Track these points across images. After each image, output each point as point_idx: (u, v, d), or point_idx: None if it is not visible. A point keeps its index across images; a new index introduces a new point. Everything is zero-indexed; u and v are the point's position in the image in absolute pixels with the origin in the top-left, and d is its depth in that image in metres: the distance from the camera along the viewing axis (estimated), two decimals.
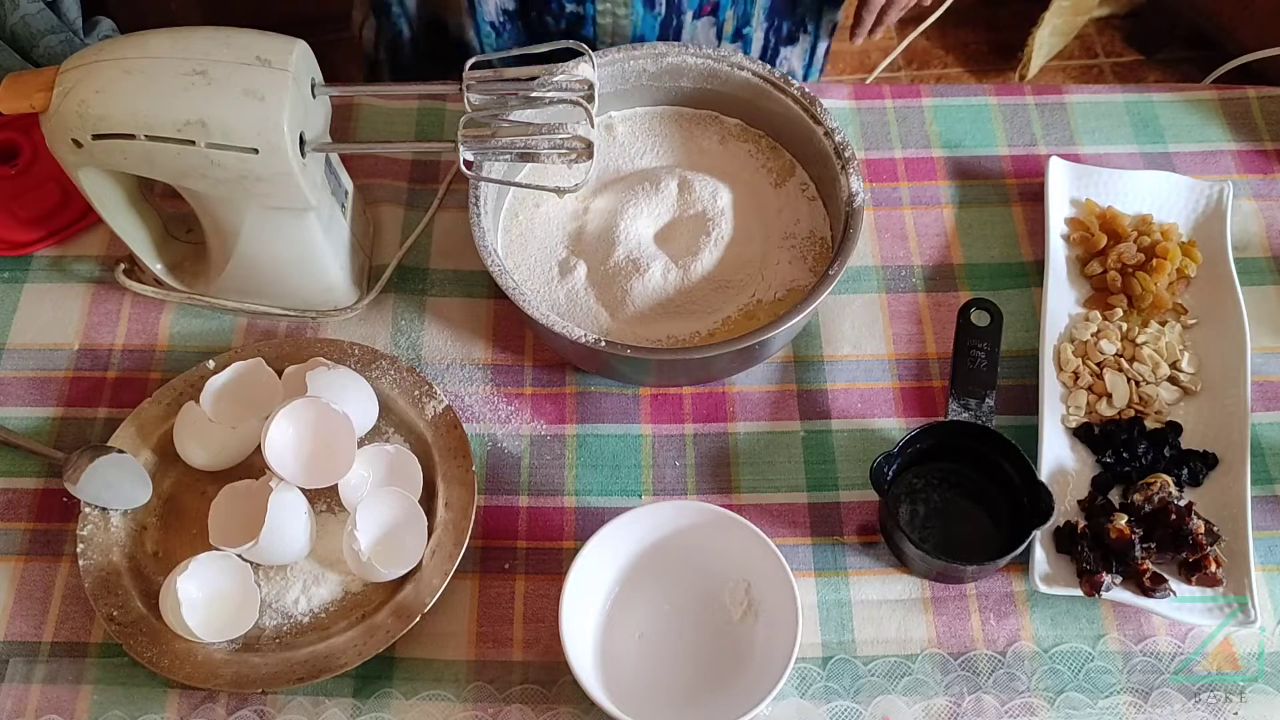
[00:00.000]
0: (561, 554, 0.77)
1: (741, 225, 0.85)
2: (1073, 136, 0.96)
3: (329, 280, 0.84)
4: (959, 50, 2.04)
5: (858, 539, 0.78)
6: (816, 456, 0.81)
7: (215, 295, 0.85)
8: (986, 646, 0.74)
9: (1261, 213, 0.92)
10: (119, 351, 0.86)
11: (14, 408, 0.83)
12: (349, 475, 0.75)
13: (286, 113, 0.69)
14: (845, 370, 0.85)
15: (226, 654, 0.72)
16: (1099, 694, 0.72)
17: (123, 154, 0.71)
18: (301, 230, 0.78)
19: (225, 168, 0.71)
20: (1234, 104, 0.98)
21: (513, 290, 0.77)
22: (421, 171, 0.94)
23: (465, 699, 0.72)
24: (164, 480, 0.79)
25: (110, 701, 0.72)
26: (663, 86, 0.90)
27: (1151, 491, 0.75)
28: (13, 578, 0.76)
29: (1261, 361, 0.84)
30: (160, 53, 0.70)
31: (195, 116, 0.69)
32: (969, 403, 0.79)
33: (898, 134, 0.97)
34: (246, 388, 0.78)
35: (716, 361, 0.79)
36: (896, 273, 0.89)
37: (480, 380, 0.85)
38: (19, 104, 0.71)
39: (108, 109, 0.69)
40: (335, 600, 0.75)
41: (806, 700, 0.72)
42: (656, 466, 0.81)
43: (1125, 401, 0.80)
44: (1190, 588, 0.73)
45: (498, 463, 0.81)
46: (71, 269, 0.90)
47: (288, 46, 0.72)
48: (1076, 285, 0.87)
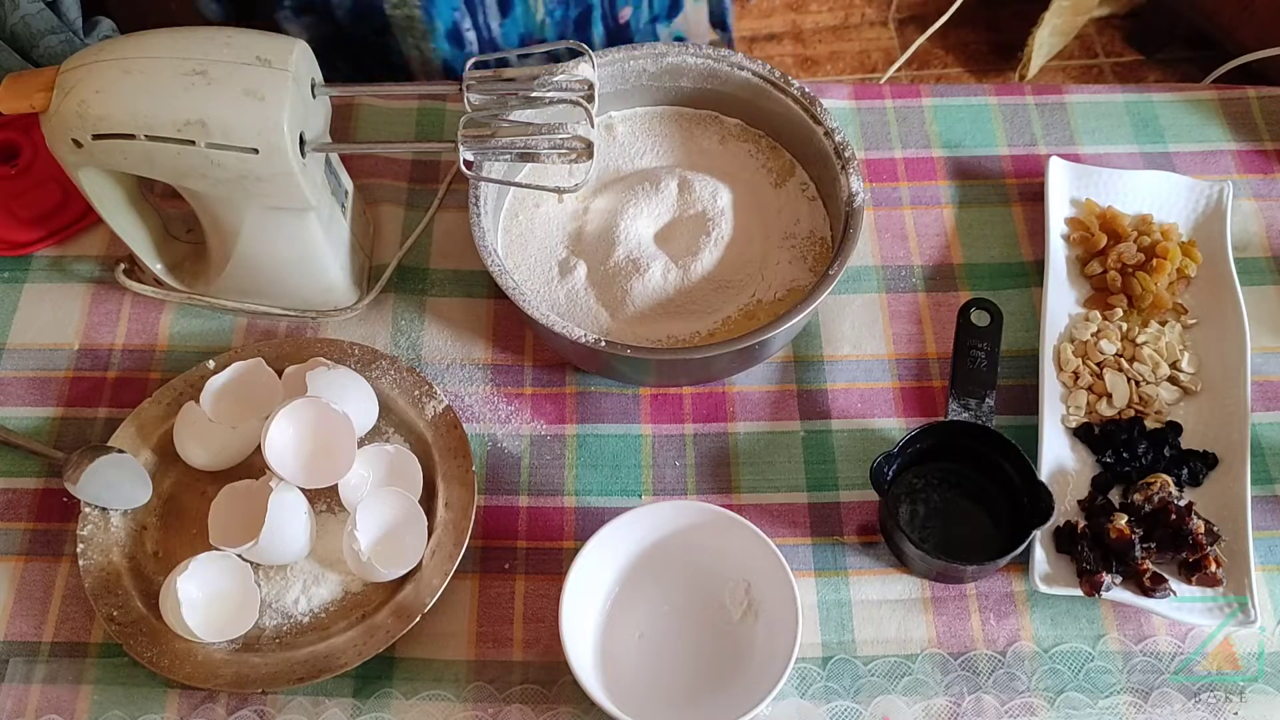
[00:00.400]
0: (561, 554, 0.78)
1: (741, 225, 0.85)
2: (1073, 136, 0.96)
3: (329, 280, 0.84)
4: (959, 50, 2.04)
5: (858, 539, 0.78)
6: (816, 456, 0.81)
7: (215, 295, 0.85)
8: (986, 646, 0.74)
9: (1261, 213, 0.92)
10: (119, 351, 0.86)
11: (14, 408, 0.83)
12: (349, 475, 0.75)
13: (286, 113, 0.69)
14: (845, 370, 0.85)
15: (226, 654, 0.72)
16: (1099, 694, 0.72)
17: (123, 154, 0.71)
18: (301, 230, 0.78)
19: (225, 168, 0.71)
20: (1234, 104, 0.98)
21: (513, 290, 0.77)
22: (421, 171, 0.94)
23: (465, 699, 0.72)
24: (164, 480, 0.79)
25: (110, 701, 0.72)
26: (663, 86, 0.90)
27: (1151, 491, 0.75)
28: (13, 578, 0.76)
29: (1261, 361, 0.84)
30: (160, 53, 0.70)
31: (195, 116, 0.69)
32: (969, 403, 0.79)
33: (898, 134, 0.97)
34: (246, 388, 0.78)
35: (716, 361, 0.79)
36: (896, 273, 0.89)
37: (480, 380, 0.85)
38: (19, 104, 0.71)
39: (108, 109, 0.69)
40: (335, 600, 0.75)
41: (806, 700, 0.72)
42: (656, 466, 0.81)
43: (1125, 401, 0.80)
44: (1190, 588, 0.73)
45: (498, 463, 0.81)
46: (71, 269, 0.90)
47: (288, 46, 0.72)
48: (1076, 285, 0.87)
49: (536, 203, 0.88)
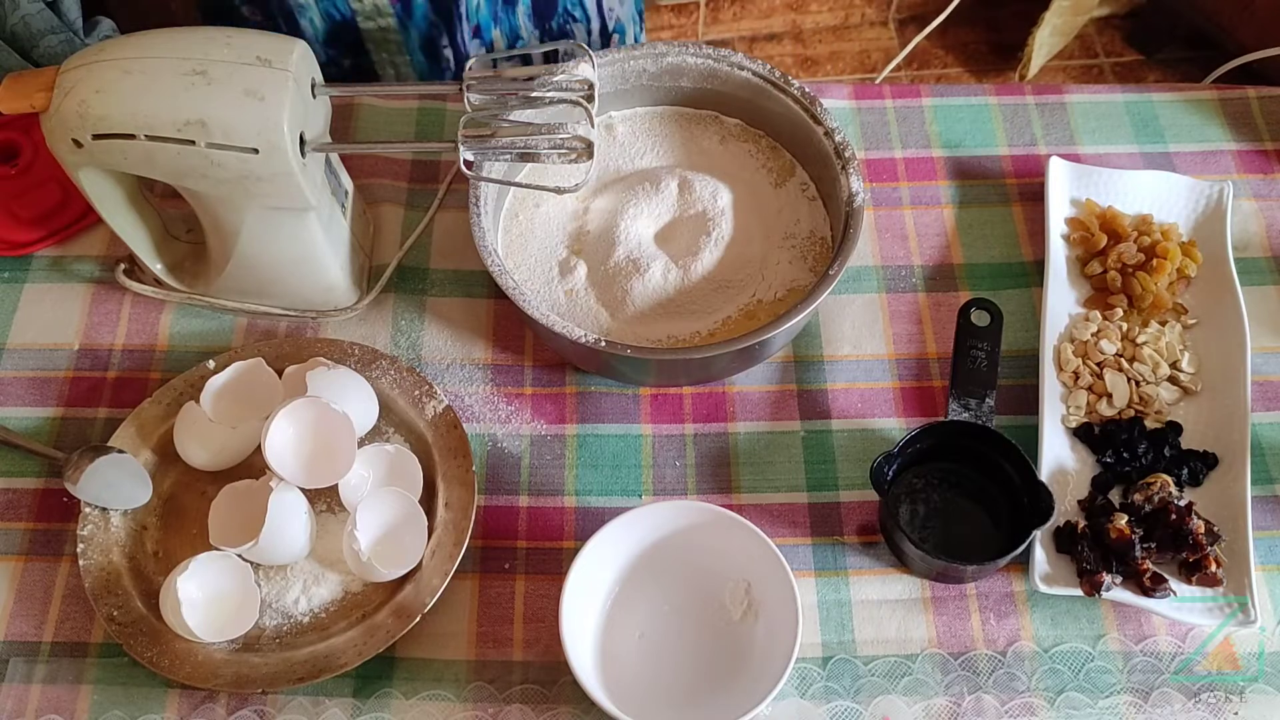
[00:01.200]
0: (561, 554, 0.78)
1: (742, 225, 0.85)
2: (1073, 136, 0.96)
3: (329, 280, 0.84)
4: (959, 50, 2.04)
5: (858, 539, 0.78)
6: (816, 456, 0.81)
7: (215, 295, 0.85)
8: (986, 646, 0.74)
9: (1261, 213, 0.92)
10: (119, 351, 0.86)
11: (14, 408, 0.83)
12: (349, 475, 0.75)
13: (287, 113, 0.69)
14: (845, 370, 0.85)
15: (226, 654, 0.72)
16: (1099, 694, 0.72)
17: (123, 154, 0.71)
18: (301, 230, 0.78)
19: (225, 168, 0.71)
20: (1234, 104, 0.98)
21: (513, 290, 0.77)
22: (421, 171, 0.94)
23: (465, 699, 0.72)
24: (164, 480, 0.79)
25: (110, 701, 0.72)
26: (663, 86, 0.90)
27: (1151, 491, 0.75)
28: (13, 578, 0.76)
29: (1261, 361, 0.84)
30: (160, 53, 0.70)
31: (195, 116, 0.69)
32: (969, 403, 0.79)
33: (898, 134, 0.97)
34: (246, 388, 0.78)
35: (716, 361, 0.79)
36: (896, 273, 0.89)
37: (480, 380, 0.85)
38: (19, 104, 0.71)
39: (108, 109, 0.69)
40: (335, 600, 0.75)
41: (806, 700, 0.72)
42: (656, 466, 0.81)
43: (1125, 401, 0.80)
44: (1190, 588, 0.73)
45: (498, 463, 0.81)
46: (71, 269, 0.90)
47: (288, 46, 0.72)
48: (1076, 285, 0.87)
49: (536, 203, 0.88)
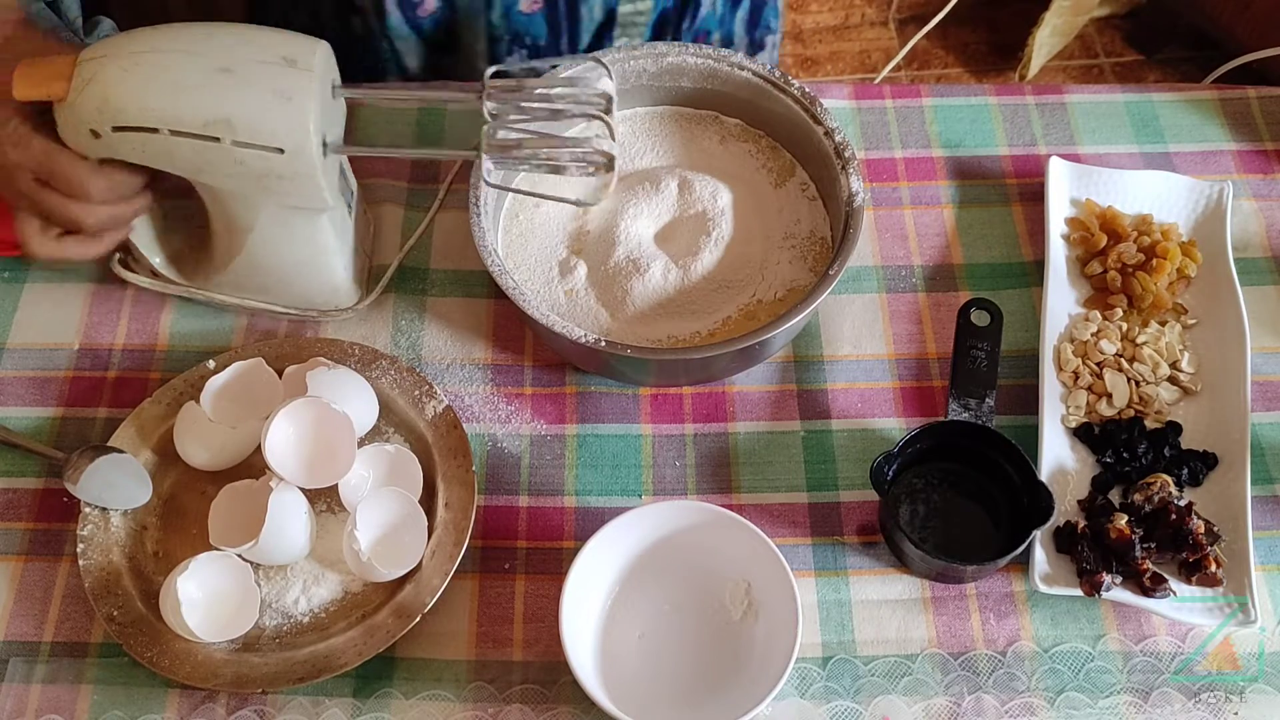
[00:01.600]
0: (561, 554, 0.77)
1: (742, 225, 0.85)
2: (1073, 136, 0.96)
3: (335, 280, 0.83)
4: (959, 50, 2.05)
5: (858, 539, 0.78)
6: (816, 456, 0.81)
7: (214, 290, 0.84)
8: (986, 646, 0.74)
9: (1261, 213, 0.92)
10: (119, 351, 0.86)
11: (14, 408, 0.83)
12: (349, 475, 0.75)
13: (313, 114, 0.69)
14: (845, 370, 0.85)
15: (226, 654, 0.72)
16: (1099, 694, 0.72)
17: (142, 147, 0.71)
18: (314, 230, 0.78)
19: (248, 166, 0.71)
20: (1234, 104, 0.98)
21: (513, 290, 0.77)
22: (422, 172, 0.94)
23: (465, 699, 0.72)
24: (164, 480, 0.79)
25: (110, 701, 0.72)
26: (663, 86, 0.90)
27: (1151, 491, 0.75)
28: (13, 578, 0.76)
29: (1261, 361, 0.84)
30: (184, 47, 0.69)
31: (222, 114, 0.68)
32: (969, 403, 0.79)
33: (898, 134, 0.97)
34: (246, 388, 0.78)
35: (716, 361, 0.79)
36: (896, 273, 0.89)
37: (480, 380, 0.85)
38: (35, 91, 0.69)
39: (131, 102, 0.68)
40: (335, 600, 0.75)
41: (806, 700, 0.72)
42: (656, 466, 0.81)
43: (1125, 401, 0.80)
44: (1190, 588, 0.73)
45: (498, 463, 0.81)
46: (71, 269, 0.89)
47: (311, 47, 0.71)
48: (1076, 285, 0.87)
49: (537, 203, 0.88)
